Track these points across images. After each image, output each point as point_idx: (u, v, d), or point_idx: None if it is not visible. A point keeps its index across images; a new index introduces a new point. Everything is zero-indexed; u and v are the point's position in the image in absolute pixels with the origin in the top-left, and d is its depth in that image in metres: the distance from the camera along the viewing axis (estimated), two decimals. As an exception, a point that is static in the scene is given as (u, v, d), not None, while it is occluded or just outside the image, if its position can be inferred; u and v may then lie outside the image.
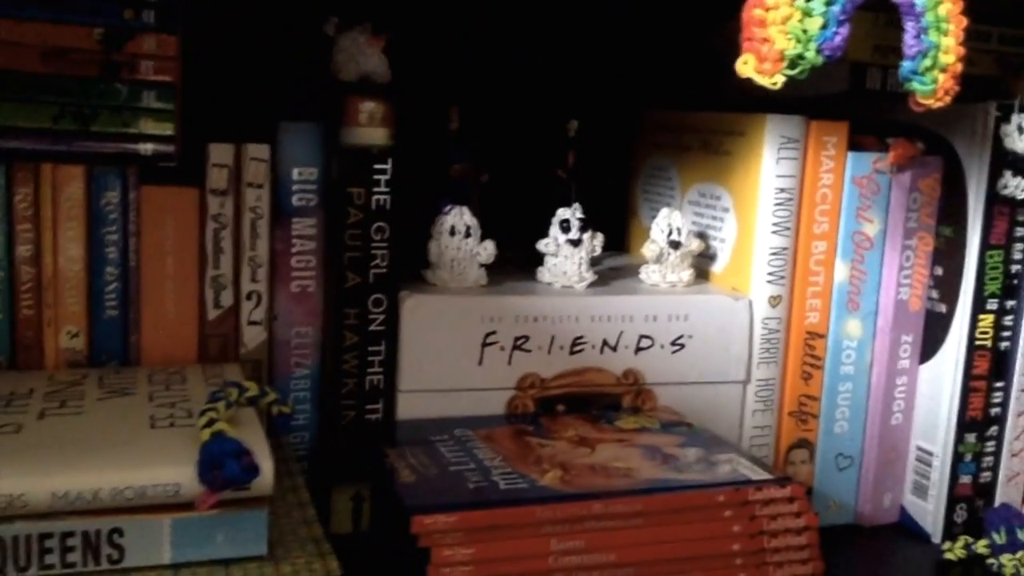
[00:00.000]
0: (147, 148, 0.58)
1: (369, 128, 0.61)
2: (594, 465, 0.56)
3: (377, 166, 0.60)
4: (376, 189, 0.60)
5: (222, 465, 0.43)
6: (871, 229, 0.67)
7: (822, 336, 0.68)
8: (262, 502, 0.45)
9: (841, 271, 0.67)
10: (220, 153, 0.59)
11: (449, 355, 0.62)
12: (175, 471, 0.43)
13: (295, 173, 0.61)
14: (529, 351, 0.64)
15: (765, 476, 0.56)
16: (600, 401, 0.66)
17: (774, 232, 0.66)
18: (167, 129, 0.58)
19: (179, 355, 0.60)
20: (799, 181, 0.66)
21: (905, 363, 0.69)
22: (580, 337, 0.65)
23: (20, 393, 0.52)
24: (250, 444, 0.44)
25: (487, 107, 0.78)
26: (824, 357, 0.68)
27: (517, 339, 0.63)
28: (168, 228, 0.59)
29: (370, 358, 0.61)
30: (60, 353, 0.58)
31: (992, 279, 0.66)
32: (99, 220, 0.58)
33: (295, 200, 0.61)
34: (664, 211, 0.70)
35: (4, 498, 0.41)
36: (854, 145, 0.67)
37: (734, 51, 0.49)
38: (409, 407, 0.62)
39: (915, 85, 0.51)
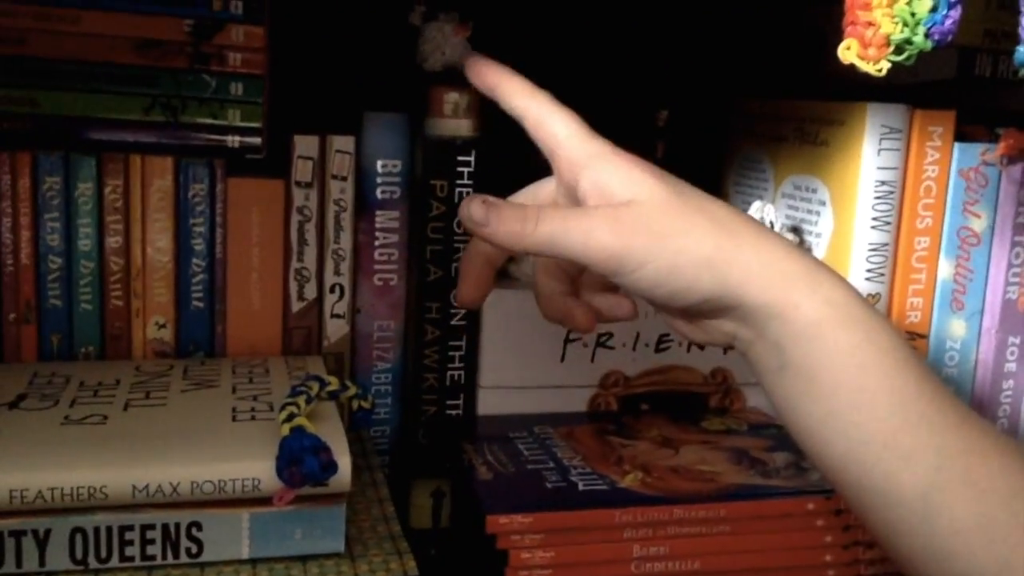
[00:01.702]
0: (234, 140, 0.58)
1: (454, 119, 0.60)
2: (677, 467, 0.55)
3: (461, 158, 0.59)
4: (459, 182, 0.59)
5: (301, 461, 0.43)
6: (978, 224, 0.64)
7: (923, 336, 0.65)
8: (340, 498, 0.45)
9: (945, 268, 0.64)
10: (305, 145, 0.59)
11: (531, 351, 0.61)
12: (254, 466, 0.43)
13: (379, 165, 0.60)
14: (613, 348, 0.62)
15: (860, 485, 0.53)
16: (686, 401, 0.64)
17: (873, 227, 0.63)
18: (254, 121, 0.58)
19: (263, 347, 0.60)
20: (902, 173, 0.63)
21: (1012, 366, 0.65)
22: (666, 334, 0.63)
23: (107, 383, 0.53)
24: (329, 440, 0.44)
25: (575, 97, 0.76)
26: (926, 358, 0.65)
27: (601, 335, 0.62)
28: (254, 220, 0.59)
29: (451, 353, 0.61)
30: (147, 344, 0.59)
31: (1112, 279, 0.62)
32: (187, 211, 0.58)
33: (379, 192, 0.60)
34: (756, 204, 0.68)
35: (85, 489, 0.41)
36: (961, 135, 0.63)
37: (834, 35, 0.47)
38: (490, 403, 0.61)
39: (1031, 72, 0.47)
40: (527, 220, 0.39)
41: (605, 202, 0.40)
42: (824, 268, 0.40)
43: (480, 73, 0.45)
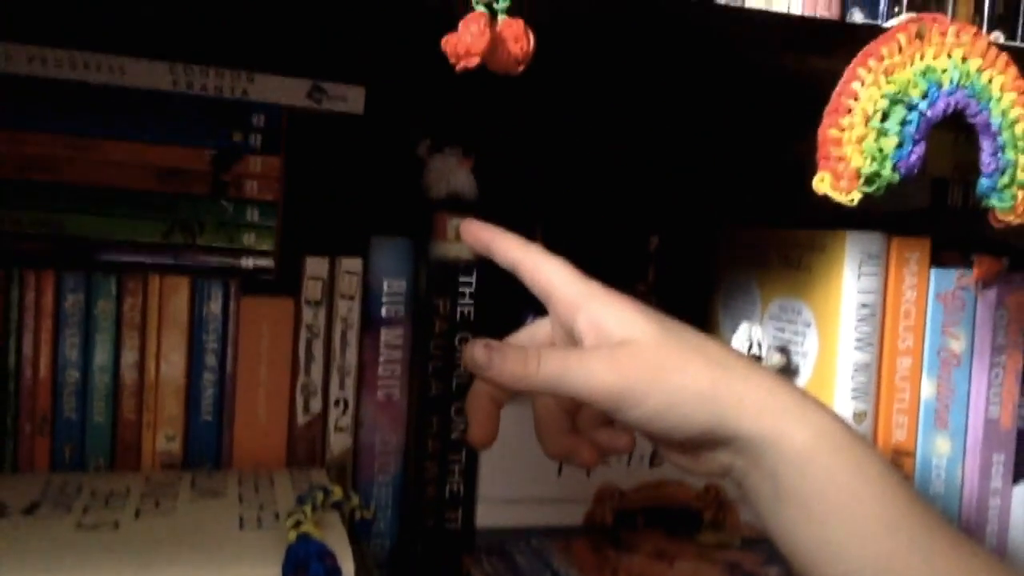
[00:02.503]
0: (248, 262, 0.61)
1: (456, 243, 0.63)
2: (673, 581, 0.56)
3: (462, 278, 0.63)
4: (461, 301, 0.62)
5: (307, 566, 0.44)
6: (958, 346, 0.66)
7: (910, 454, 0.66)
8: (342, 605, 0.46)
9: (928, 388, 0.66)
10: (316, 266, 0.62)
11: (528, 464, 0.63)
12: (262, 572, 0.45)
13: (385, 285, 0.63)
14: (608, 463, 0.64)
15: (850, 597, 0.54)
16: (681, 515, 0.65)
17: (857, 348, 0.66)
18: (268, 244, 0.61)
19: (268, 459, 0.62)
20: (882, 297, 0.66)
21: (998, 483, 0.67)
22: (660, 450, 0.64)
23: (118, 492, 0.54)
24: (333, 547, 0.45)
25: (570, 223, 0.80)
26: (913, 475, 0.66)
27: (597, 450, 0.64)
28: (264, 337, 0.62)
29: (451, 466, 0.62)
30: (156, 455, 0.60)
31: (1088, 398, 0.64)
32: (201, 329, 0.61)
33: (384, 311, 0.63)
34: (744, 325, 0.70)
35: (100, 592, 0.43)
36: (937, 261, 0.66)
37: (813, 167, 0.50)
38: (488, 515, 0.63)
39: (994, 202, 0.51)
40: (529, 362, 0.41)
41: (601, 339, 0.42)
42: (811, 399, 0.41)
43: (474, 234, 0.48)
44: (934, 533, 0.39)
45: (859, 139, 0.49)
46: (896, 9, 0.54)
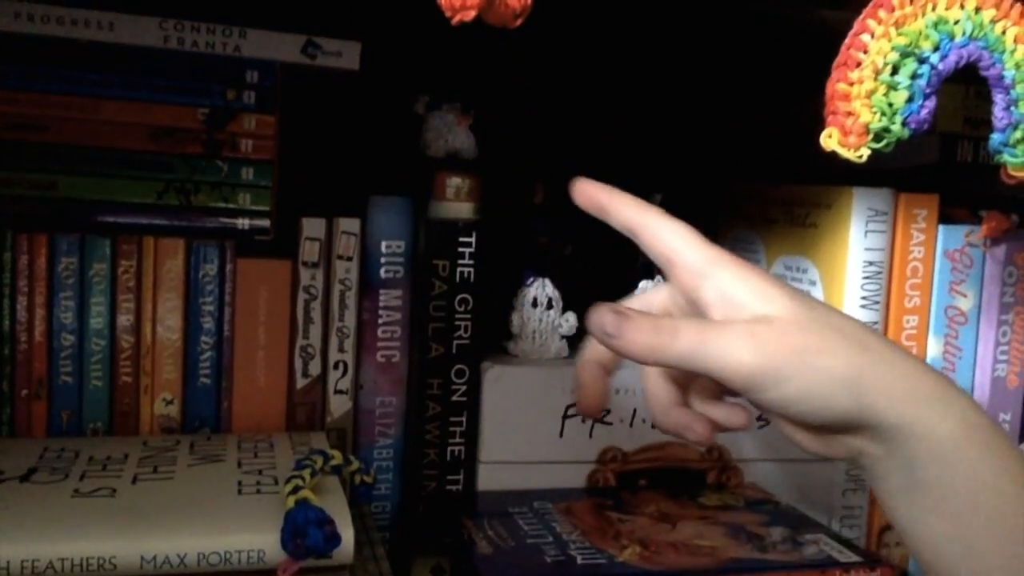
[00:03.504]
0: (244, 223, 0.60)
1: (456, 202, 0.62)
2: (675, 542, 0.55)
3: (462, 239, 0.62)
4: (461, 262, 0.62)
5: (305, 533, 0.44)
6: (965, 304, 0.65)
7: (915, 413, 0.66)
8: (342, 571, 0.46)
9: (934, 347, 0.65)
10: (313, 227, 0.61)
11: (530, 427, 0.63)
12: (260, 538, 0.44)
13: (383, 246, 0.62)
14: (611, 424, 0.64)
15: (854, 558, 0.54)
16: (683, 477, 0.65)
17: (863, 306, 0.65)
18: (264, 204, 0.60)
19: (268, 423, 0.61)
20: (888, 254, 0.65)
21: (1005, 443, 0.66)
22: (663, 411, 0.64)
23: (116, 458, 0.54)
24: (333, 513, 0.45)
25: (571, 180, 0.79)
26: (918, 435, 0.66)
27: (599, 412, 0.63)
28: (261, 299, 0.61)
29: (452, 428, 0.62)
30: (155, 419, 0.60)
31: (1097, 356, 0.63)
32: (197, 291, 0.60)
33: (383, 272, 0.62)
34: (749, 284, 0.69)
35: (95, 560, 0.42)
36: (946, 218, 0.65)
37: (820, 123, 0.49)
38: (490, 478, 0.62)
39: (1006, 157, 0.49)
40: (662, 333, 0.38)
41: (732, 313, 0.39)
42: (954, 387, 0.39)
43: (588, 194, 0.45)
44: None
45: (868, 93, 0.48)
46: (907, -42, 0.52)
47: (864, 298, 0.65)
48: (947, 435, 0.37)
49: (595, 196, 0.44)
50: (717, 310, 0.39)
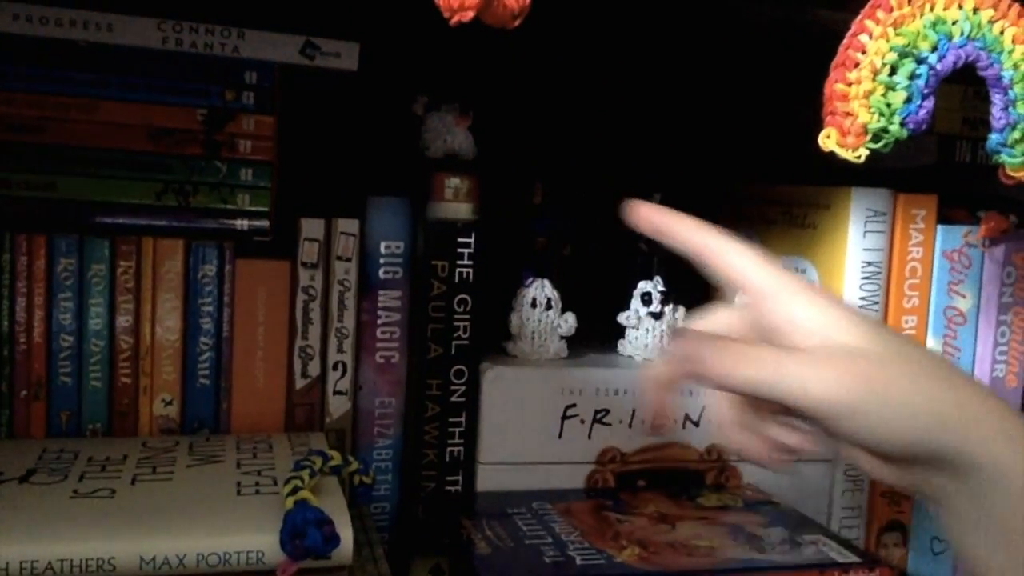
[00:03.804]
0: (243, 223, 0.60)
1: (455, 203, 0.62)
2: (674, 543, 0.55)
3: (461, 239, 0.62)
4: (459, 262, 0.62)
5: (304, 534, 0.44)
6: (964, 304, 0.65)
7: (914, 414, 0.66)
8: (341, 572, 0.46)
9: (933, 346, 0.65)
10: (312, 228, 0.61)
11: (529, 427, 0.63)
12: (259, 539, 0.44)
13: (382, 247, 0.62)
14: (609, 425, 0.64)
15: (853, 559, 0.54)
16: (682, 477, 0.65)
17: (862, 307, 0.65)
18: (263, 205, 0.60)
19: (267, 424, 0.61)
20: (887, 255, 0.65)
21: (1004, 443, 0.66)
22: (662, 411, 0.64)
23: (115, 459, 0.54)
24: (332, 513, 0.45)
25: (570, 181, 0.79)
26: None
27: (597, 412, 0.63)
28: (260, 300, 0.61)
29: (451, 429, 0.62)
30: (154, 420, 0.60)
31: (1095, 357, 0.63)
32: (196, 292, 0.60)
33: (382, 273, 0.63)
34: (748, 284, 0.69)
35: (94, 561, 0.42)
36: (944, 218, 0.65)
37: (819, 123, 0.49)
38: (489, 479, 0.62)
39: (1004, 158, 0.50)
40: (740, 360, 0.38)
41: (803, 339, 0.39)
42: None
43: (645, 217, 0.45)
44: None
45: (866, 94, 0.48)
46: (906, -42, 0.52)
47: (863, 299, 0.65)
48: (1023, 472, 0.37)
49: (653, 219, 0.44)
50: (786, 335, 0.39)
